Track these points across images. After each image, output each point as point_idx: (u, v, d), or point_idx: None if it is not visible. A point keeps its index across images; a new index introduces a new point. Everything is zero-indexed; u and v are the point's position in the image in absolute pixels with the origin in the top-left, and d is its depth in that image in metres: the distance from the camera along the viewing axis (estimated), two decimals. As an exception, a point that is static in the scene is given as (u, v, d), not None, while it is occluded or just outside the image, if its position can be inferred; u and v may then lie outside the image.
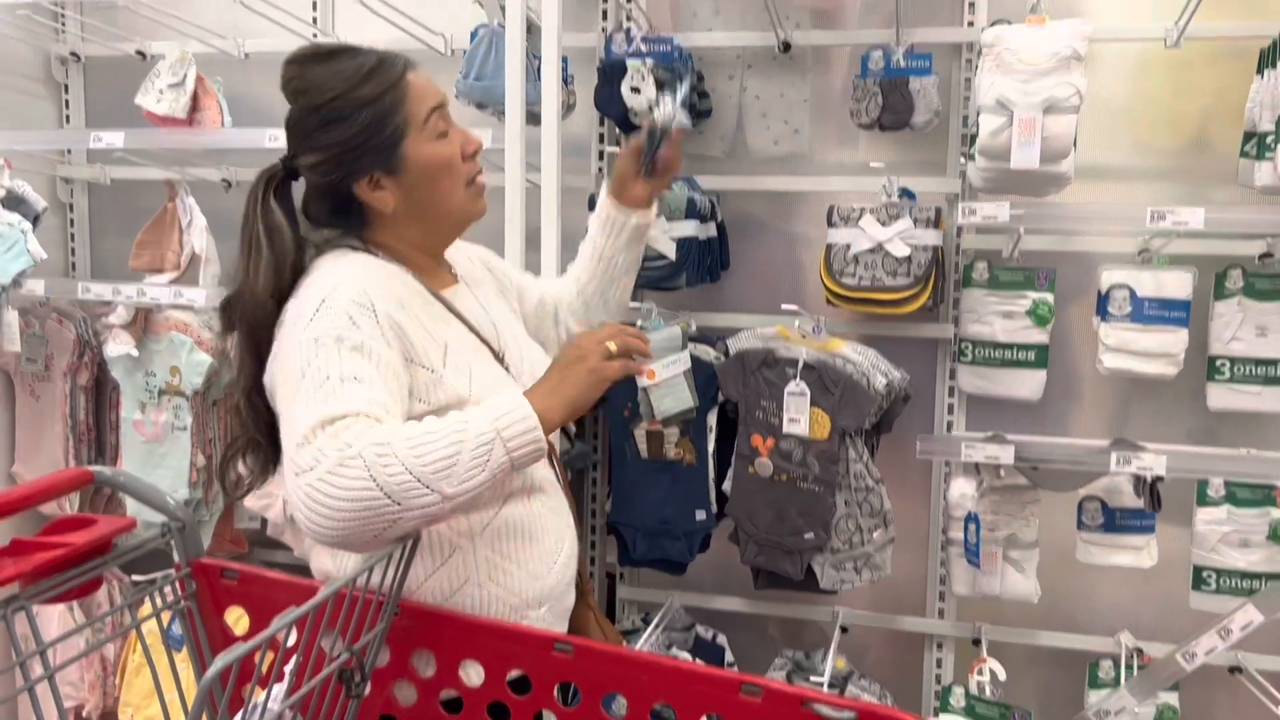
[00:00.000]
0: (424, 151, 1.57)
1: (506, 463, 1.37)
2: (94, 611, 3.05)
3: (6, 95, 3.21)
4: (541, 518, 1.65)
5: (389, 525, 1.31)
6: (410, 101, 1.56)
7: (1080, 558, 2.60)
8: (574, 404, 1.46)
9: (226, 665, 1.02)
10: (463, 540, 1.56)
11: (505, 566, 1.59)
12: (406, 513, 1.31)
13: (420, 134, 1.56)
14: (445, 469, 1.32)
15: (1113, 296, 2.49)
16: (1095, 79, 2.54)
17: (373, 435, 1.32)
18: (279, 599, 1.44)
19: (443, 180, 1.59)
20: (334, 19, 3.13)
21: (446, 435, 1.34)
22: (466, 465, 1.34)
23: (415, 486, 1.31)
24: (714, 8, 2.92)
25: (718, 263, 2.79)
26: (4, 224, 2.86)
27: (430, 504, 1.32)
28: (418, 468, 1.31)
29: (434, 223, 1.64)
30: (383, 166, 1.55)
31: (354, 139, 1.53)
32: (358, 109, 1.53)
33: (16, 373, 3.16)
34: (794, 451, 2.54)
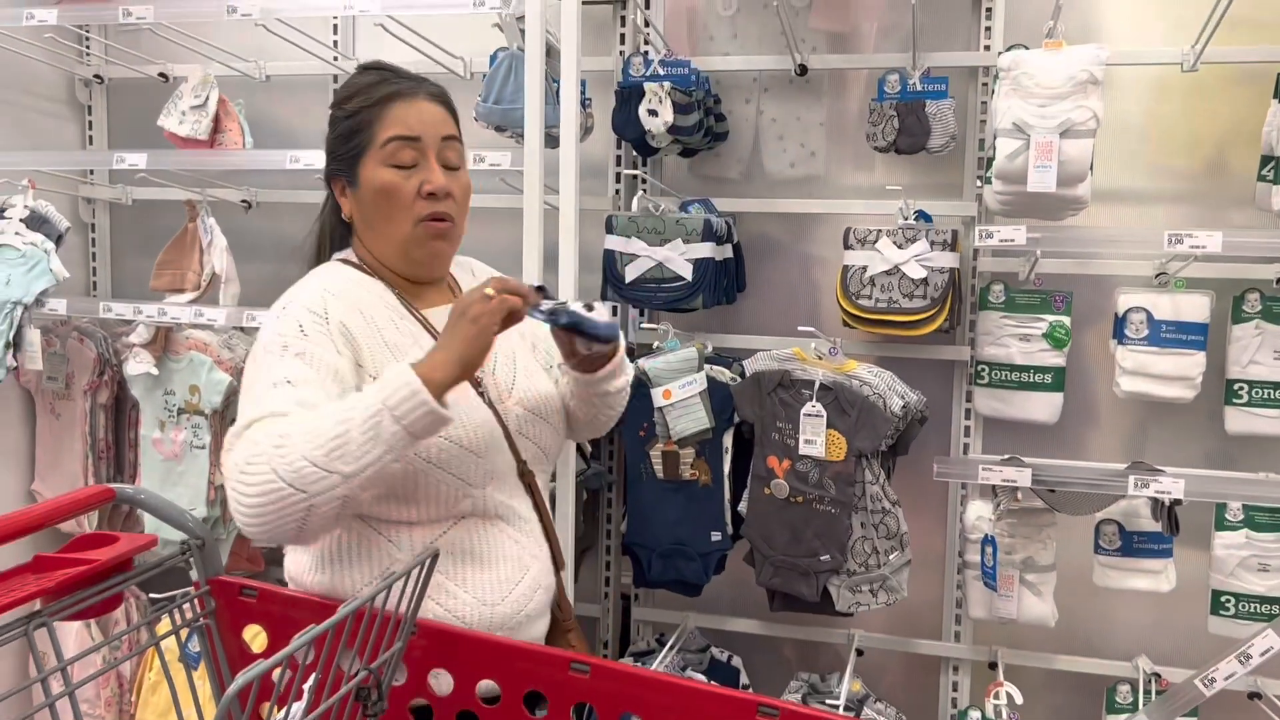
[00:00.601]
0: (373, 174, 1.63)
1: (399, 431, 1.39)
2: (111, 630, 3.07)
3: (31, 116, 3.25)
4: (498, 545, 1.65)
5: (305, 513, 1.37)
6: (378, 125, 1.63)
7: (1097, 581, 2.59)
8: (462, 358, 1.44)
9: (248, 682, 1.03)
10: (400, 553, 1.59)
11: (447, 586, 1.60)
12: (315, 499, 1.36)
13: (374, 156, 1.63)
14: (338, 449, 1.36)
15: (1130, 319, 2.49)
16: (1112, 103, 2.55)
17: (275, 429, 1.39)
18: (297, 617, 1.45)
19: (383, 206, 1.64)
20: (355, 43, 3.16)
21: (336, 417, 1.39)
22: (359, 442, 1.37)
23: (314, 471, 1.35)
24: (731, 31, 2.94)
25: (734, 284, 2.80)
26: (27, 243, 2.90)
27: (332, 486, 1.36)
28: (312, 453, 1.36)
29: (385, 244, 1.68)
30: (346, 176, 1.67)
31: (333, 144, 1.68)
32: (342, 118, 1.67)
33: (38, 391, 3.18)
34: (810, 473, 2.54)
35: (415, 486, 1.57)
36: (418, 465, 1.55)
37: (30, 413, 3.25)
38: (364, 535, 1.60)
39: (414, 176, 1.63)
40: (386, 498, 1.57)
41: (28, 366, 2.94)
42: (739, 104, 2.94)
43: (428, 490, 1.58)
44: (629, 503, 2.76)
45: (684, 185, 2.99)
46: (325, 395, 1.47)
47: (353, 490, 1.39)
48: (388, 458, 1.39)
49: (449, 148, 1.68)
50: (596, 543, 3.01)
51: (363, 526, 1.60)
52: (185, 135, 2.93)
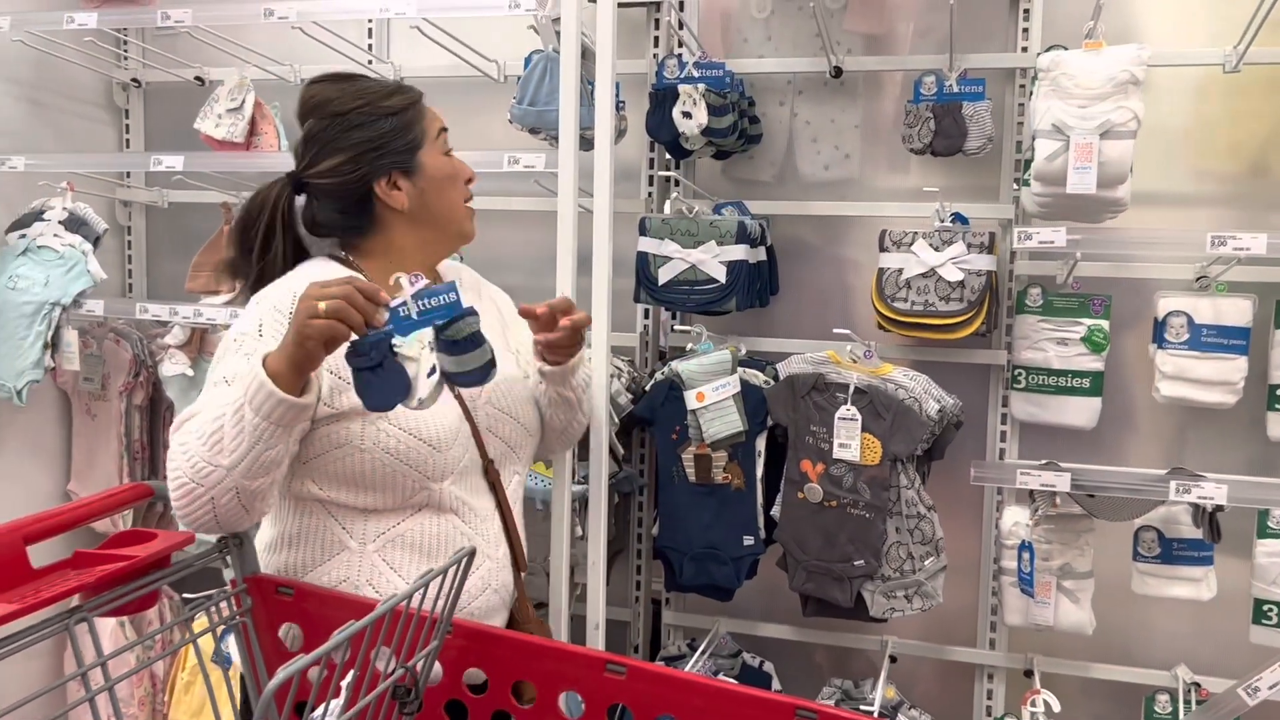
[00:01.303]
0: (437, 161, 1.78)
1: (261, 422, 1.44)
2: (144, 629, 3.08)
3: (70, 120, 3.28)
4: (449, 540, 1.71)
5: (209, 505, 1.45)
6: (426, 119, 1.79)
7: (1136, 589, 2.56)
8: (293, 361, 1.43)
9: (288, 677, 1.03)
10: (352, 542, 1.67)
11: (389, 575, 1.67)
12: (212, 490, 1.44)
13: (433, 146, 1.78)
14: (217, 443, 1.44)
15: (1170, 323, 2.46)
16: (1152, 104, 2.51)
17: (186, 430, 1.48)
18: (333, 615, 1.46)
19: (449, 190, 1.80)
20: (389, 45, 3.18)
21: (214, 412, 1.46)
22: (230, 435, 1.44)
23: (203, 465, 1.44)
24: (765, 33, 2.93)
25: (767, 287, 2.79)
26: (66, 245, 2.92)
27: (220, 479, 1.44)
28: (199, 448, 1.45)
29: (436, 229, 1.81)
30: (401, 167, 1.74)
31: (377, 140, 1.73)
32: (382, 116, 1.73)
33: (74, 391, 3.21)
34: (844, 477, 2.52)
35: (373, 475, 1.64)
36: (376, 455, 1.62)
37: (66, 413, 3.28)
38: (320, 519, 1.68)
39: (454, 162, 1.83)
40: (345, 484, 1.65)
41: (65, 367, 2.97)
42: (773, 106, 2.93)
43: (385, 480, 1.65)
44: (660, 506, 2.75)
45: (717, 188, 2.98)
46: None
47: (239, 481, 1.45)
48: (259, 447, 1.45)
49: None
50: (627, 546, 3.00)
51: (320, 511, 1.68)
52: (221, 138, 2.95)
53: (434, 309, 1.42)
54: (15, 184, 3.02)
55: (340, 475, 1.65)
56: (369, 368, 1.41)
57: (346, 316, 1.38)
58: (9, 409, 3.01)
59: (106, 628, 2.96)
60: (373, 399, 1.44)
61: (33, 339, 2.89)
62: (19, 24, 2.84)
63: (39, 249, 2.94)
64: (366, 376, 1.42)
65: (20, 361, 2.90)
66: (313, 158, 1.75)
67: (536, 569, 2.64)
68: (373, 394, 1.43)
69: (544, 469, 2.62)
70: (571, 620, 2.36)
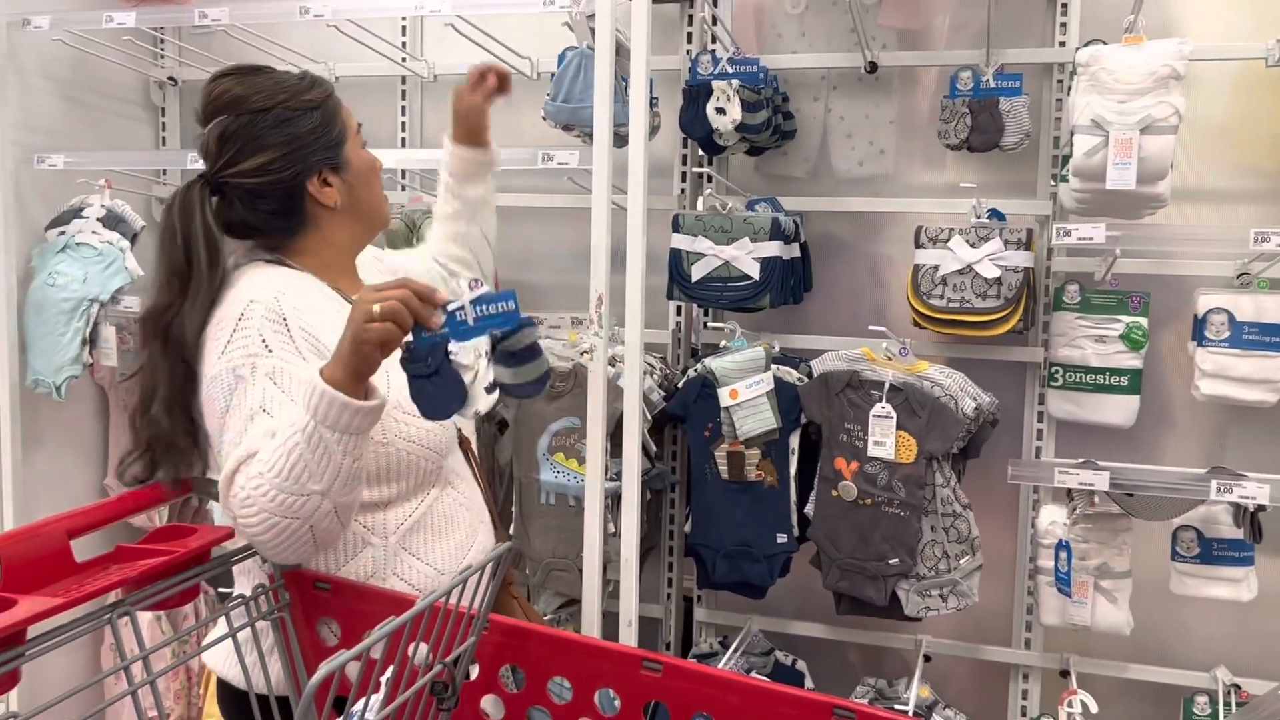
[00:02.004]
0: (360, 155, 1.75)
1: (340, 436, 1.40)
2: (179, 623, 3.11)
3: (108, 118, 3.31)
4: (453, 514, 1.74)
5: (310, 533, 1.42)
6: (344, 112, 1.74)
7: (1174, 589, 2.53)
8: (351, 369, 1.39)
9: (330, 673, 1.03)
10: (375, 538, 1.65)
11: (412, 563, 1.67)
12: (309, 519, 1.41)
13: (354, 140, 1.75)
14: (300, 472, 1.39)
15: (1210, 321, 2.43)
16: (1193, 99, 2.49)
17: (251, 471, 1.41)
18: (370, 611, 1.46)
19: (374, 182, 1.78)
20: (422, 43, 3.19)
21: (285, 445, 1.40)
22: (315, 460, 1.39)
23: (293, 499, 1.39)
24: (799, 29, 2.92)
25: (801, 284, 2.78)
26: (104, 242, 2.95)
27: (316, 504, 1.40)
28: (282, 483, 1.39)
29: (364, 222, 1.79)
30: (330, 164, 1.69)
31: (307, 135, 1.67)
32: (305, 111, 1.67)
33: (111, 387, 3.24)
34: (879, 475, 2.51)
35: (396, 466, 1.64)
36: (400, 446, 1.63)
37: (104, 408, 3.31)
38: None
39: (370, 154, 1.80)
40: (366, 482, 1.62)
41: (103, 363, 3.00)
42: (807, 102, 2.91)
43: (407, 468, 1.65)
44: (693, 503, 2.75)
45: (750, 184, 2.97)
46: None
47: (336, 500, 1.43)
48: (346, 461, 1.42)
49: None
50: (659, 543, 3.00)
51: None
52: (256, 135, 2.96)
53: (492, 316, 1.36)
54: (55, 181, 3.05)
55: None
56: (425, 375, 1.36)
57: (402, 320, 1.34)
58: (48, 404, 3.04)
59: (144, 622, 2.98)
60: (429, 407, 1.39)
61: (71, 335, 2.92)
62: (59, 23, 2.86)
63: (78, 246, 2.96)
64: (422, 384, 1.37)
65: (59, 357, 2.93)
66: (232, 156, 1.65)
67: (569, 565, 2.65)
68: (429, 402, 1.38)
69: (577, 465, 2.62)
70: (604, 617, 2.36)
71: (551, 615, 2.72)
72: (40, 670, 2.87)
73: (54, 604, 1.12)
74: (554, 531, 2.68)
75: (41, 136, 3.03)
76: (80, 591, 1.17)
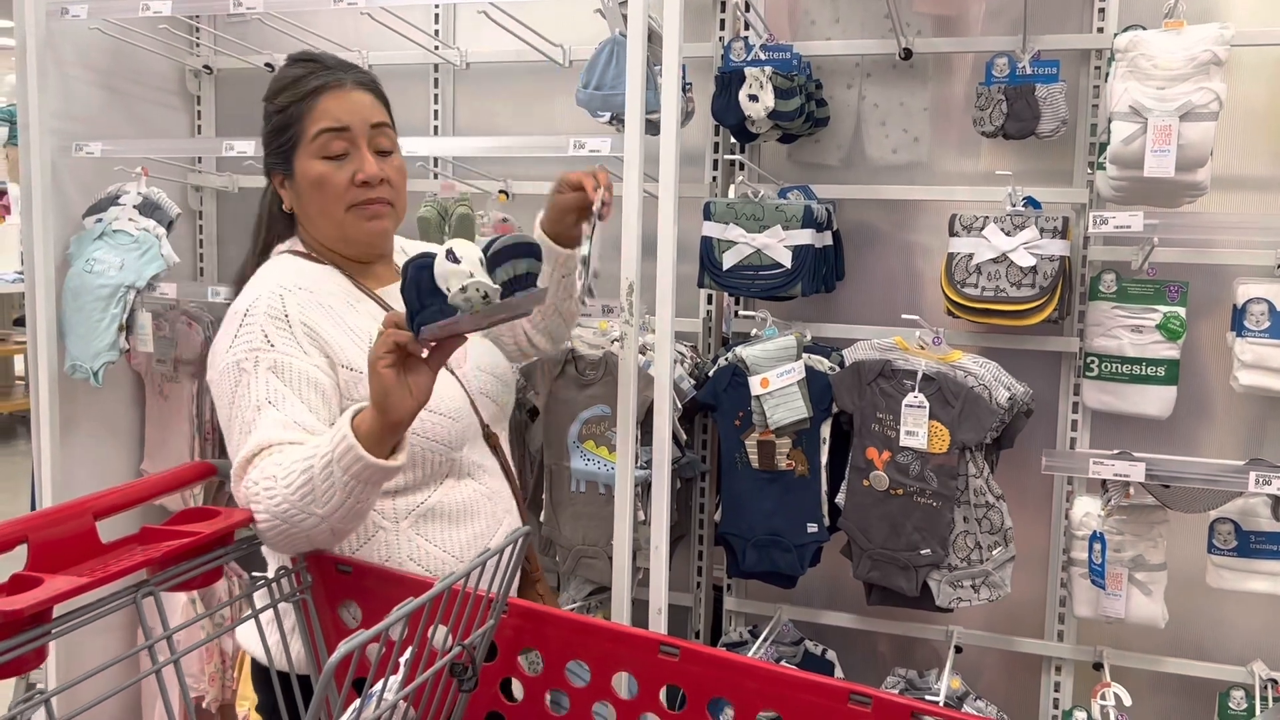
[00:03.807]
0: (305, 166, 1.71)
1: (351, 482, 1.42)
2: (213, 605, 3.14)
3: (144, 106, 3.34)
4: (472, 503, 1.75)
5: (306, 539, 1.47)
6: (307, 118, 1.69)
7: (1211, 582, 2.50)
8: (383, 410, 1.39)
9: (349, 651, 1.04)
10: (386, 522, 1.68)
11: (426, 548, 1.70)
12: (308, 531, 1.46)
13: (306, 149, 1.70)
14: (309, 494, 1.43)
15: (1250, 311, 2.39)
16: (1234, 85, 2.44)
17: (266, 470, 1.47)
18: (391, 593, 1.48)
19: (317, 197, 1.71)
20: (455, 31, 3.19)
21: (303, 463, 1.44)
22: (321, 489, 1.42)
23: (296, 512, 1.44)
24: (833, 15, 2.89)
25: (833, 272, 2.76)
26: (140, 229, 2.98)
27: (315, 523, 1.45)
28: (291, 496, 1.44)
29: (326, 231, 1.75)
30: (282, 169, 1.74)
31: (267, 139, 1.75)
32: (272, 113, 1.73)
33: (147, 373, 3.27)
34: (911, 465, 2.49)
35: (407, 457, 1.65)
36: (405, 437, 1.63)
37: (140, 394, 3.35)
38: None
39: (346, 166, 1.70)
40: None
41: (139, 349, 3.03)
42: (840, 89, 2.89)
43: (417, 459, 1.67)
44: (723, 492, 2.74)
45: (782, 171, 2.96)
46: (304, 405, 1.56)
47: (334, 524, 1.46)
48: (350, 501, 1.44)
49: (380, 134, 1.73)
50: (689, 532, 3.00)
51: None
52: (291, 123, 2.98)
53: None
54: (92, 169, 3.08)
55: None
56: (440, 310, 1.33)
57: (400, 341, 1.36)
58: (85, 390, 3.07)
59: (178, 603, 3.02)
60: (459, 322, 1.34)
61: (108, 321, 2.95)
62: (96, 11, 2.89)
63: (114, 233, 2.99)
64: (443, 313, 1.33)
65: (97, 343, 2.96)
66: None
67: (599, 553, 2.65)
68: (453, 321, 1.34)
69: (607, 453, 2.62)
70: (634, 605, 2.36)
71: (581, 602, 2.73)
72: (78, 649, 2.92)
73: (78, 584, 1.13)
74: (584, 519, 2.69)
75: (79, 125, 3.07)
76: (105, 571, 1.19)
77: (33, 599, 1.09)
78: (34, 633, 1.10)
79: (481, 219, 2.91)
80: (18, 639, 1.09)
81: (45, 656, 1.13)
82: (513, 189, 3.04)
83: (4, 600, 1.09)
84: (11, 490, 6.77)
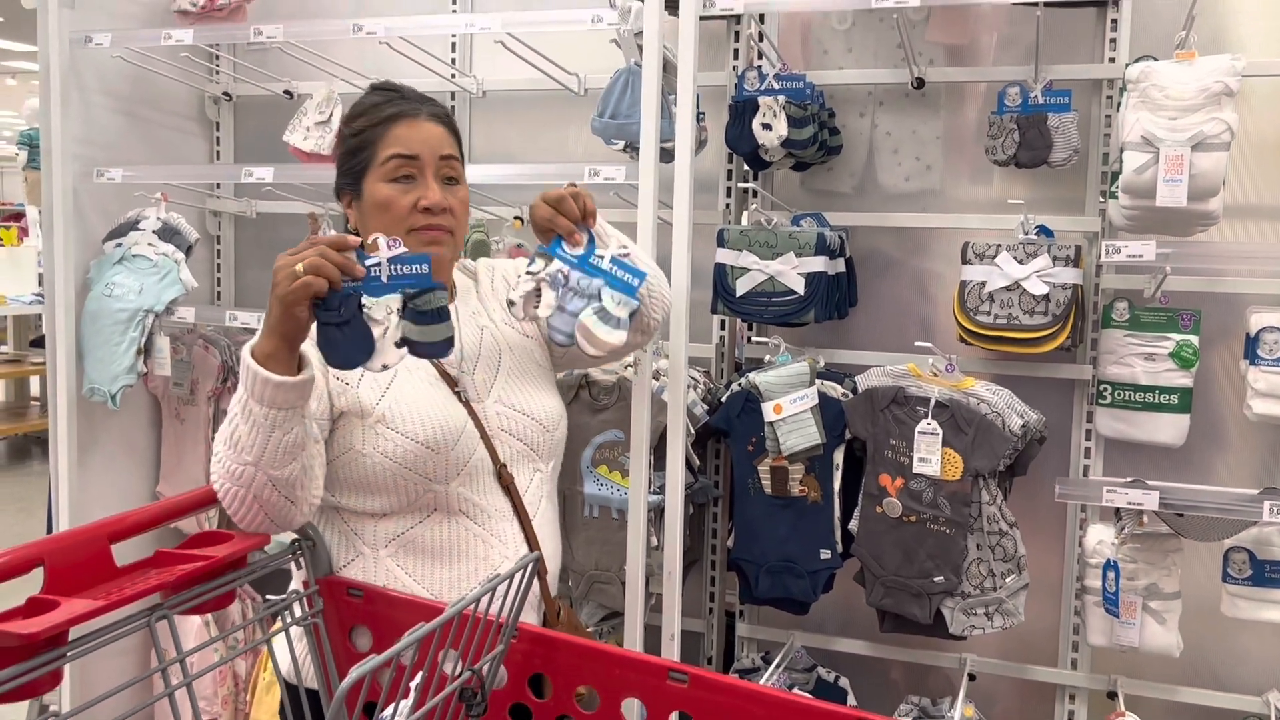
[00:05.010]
0: (374, 188, 1.75)
1: (267, 410, 1.46)
2: (227, 628, 3.15)
3: (164, 133, 3.38)
4: (461, 543, 1.73)
5: (255, 502, 1.50)
6: (380, 143, 1.75)
7: (1226, 611, 2.49)
8: (275, 330, 1.44)
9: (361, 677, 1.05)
10: (365, 548, 1.70)
11: (405, 580, 1.70)
12: (249, 487, 1.49)
13: (376, 173, 1.75)
14: (237, 443, 1.48)
15: (1263, 339, 2.39)
16: (1246, 115, 2.45)
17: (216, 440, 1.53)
18: (402, 618, 1.48)
19: (381, 218, 1.75)
20: (472, 59, 3.22)
21: (230, 414, 1.50)
22: (245, 432, 1.47)
23: (234, 466, 1.48)
24: (846, 45, 2.91)
25: (846, 299, 2.77)
26: (159, 254, 3.01)
27: (252, 475, 1.48)
28: (226, 452, 1.49)
29: None
30: (352, 189, 1.79)
31: (341, 160, 1.81)
32: (348, 136, 1.80)
33: (164, 396, 3.30)
34: (924, 492, 2.49)
35: (376, 479, 1.68)
36: (376, 460, 1.66)
37: (157, 417, 3.37)
38: (335, 524, 1.73)
39: (411, 191, 1.75)
40: (352, 489, 1.70)
41: (157, 373, 3.05)
42: (853, 117, 2.91)
43: (387, 483, 1.68)
44: (735, 518, 2.74)
45: (795, 199, 2.97)
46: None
47: (269, 472, 1.49)
48: (276, 434, 1.47)
49: (448, 165, 1.79)
50: (702, 557, 3.00)
51: (335, 516, 1.73)
52: (309, 150, 3.01)
53: (406, 276, 1.44)
54: (112, 194, 3.12)
55: (347, 480, 1.69)
56: (337, 323, 1.42)
57: (326, 271, 1.40)
58: (103, 412, 3.10)
59: (192, 626, 3.03)
60: (336, 356, 1.45)
61: (126, 345, 2.98)
62: (120, 40, 2.93)
63: (134, 257, 3.03)
64: (332, 332, 1.43)
65: (115, 366, 2.99)
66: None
67: (612, 578, 2.66)
68: (337, 350, 1.44)
69: (620, 478, 2.63)
70: (646, 630, 2.37)
71: (593, 628, 2.73)
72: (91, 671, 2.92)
73: (94, 607, 1.14)
74: (597, 544, 2.69)
75: (100, 150, 3.11)
76: (119, 595, 1.20)
77: (49, 622, 1.10)
78: (49, 655, 1.11)
79: (497, 245, 2.93)
80: (34, 661, 1.10)
81: (60, 679, 1.14)
82: (527, 215, 3.06)
83: (21, 623, 1.10)
84: (27, 510, 6.81)
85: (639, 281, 1.67)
